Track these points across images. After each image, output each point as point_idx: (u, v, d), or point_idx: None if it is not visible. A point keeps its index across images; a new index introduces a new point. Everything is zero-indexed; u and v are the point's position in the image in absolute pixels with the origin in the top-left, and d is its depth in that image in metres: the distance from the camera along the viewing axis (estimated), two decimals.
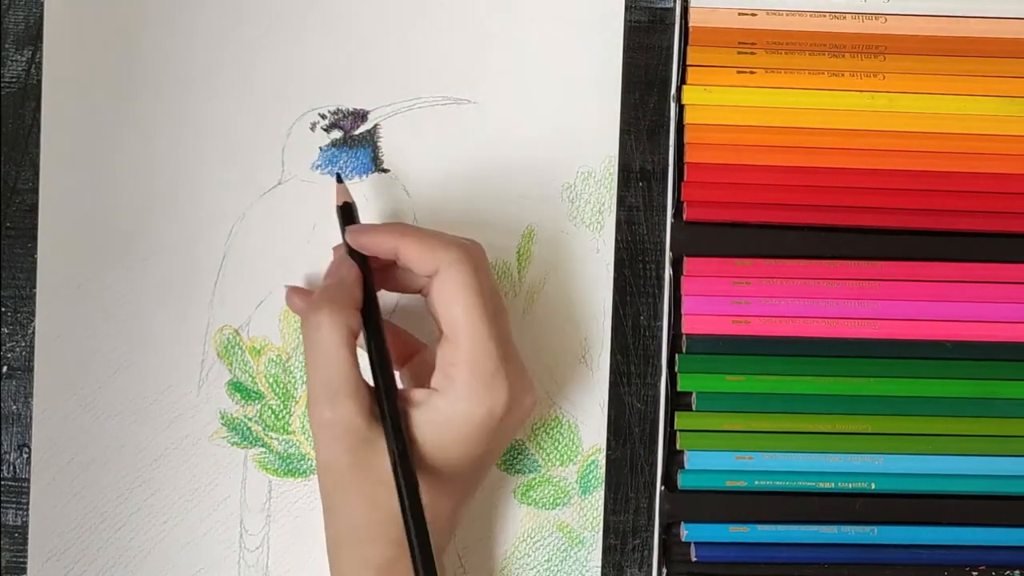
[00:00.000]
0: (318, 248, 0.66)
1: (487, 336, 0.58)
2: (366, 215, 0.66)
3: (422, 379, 0.61)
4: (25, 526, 0.66)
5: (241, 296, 0.67)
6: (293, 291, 0.64)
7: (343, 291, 0.59)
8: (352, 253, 0.61)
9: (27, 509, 0.66)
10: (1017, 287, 0.67)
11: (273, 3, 0.66)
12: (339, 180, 0.64)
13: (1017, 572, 0.67)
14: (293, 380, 0.67)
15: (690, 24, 0.66)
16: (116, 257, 0.66)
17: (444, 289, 0.58)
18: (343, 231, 0.62)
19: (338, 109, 0.67)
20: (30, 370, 0.66)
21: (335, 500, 0.59)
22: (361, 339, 0.60)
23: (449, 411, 0.58)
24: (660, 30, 0.67)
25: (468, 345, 0.58)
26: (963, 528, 0.67)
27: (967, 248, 0.66)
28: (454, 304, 0.58)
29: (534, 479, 0.67)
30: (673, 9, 0.67)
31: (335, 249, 0.63)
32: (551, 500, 0.68)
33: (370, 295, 0.60)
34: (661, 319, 0.67)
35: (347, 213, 0.63)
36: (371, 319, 0.59)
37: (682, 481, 0.66)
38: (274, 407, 0.67)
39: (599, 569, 0.67)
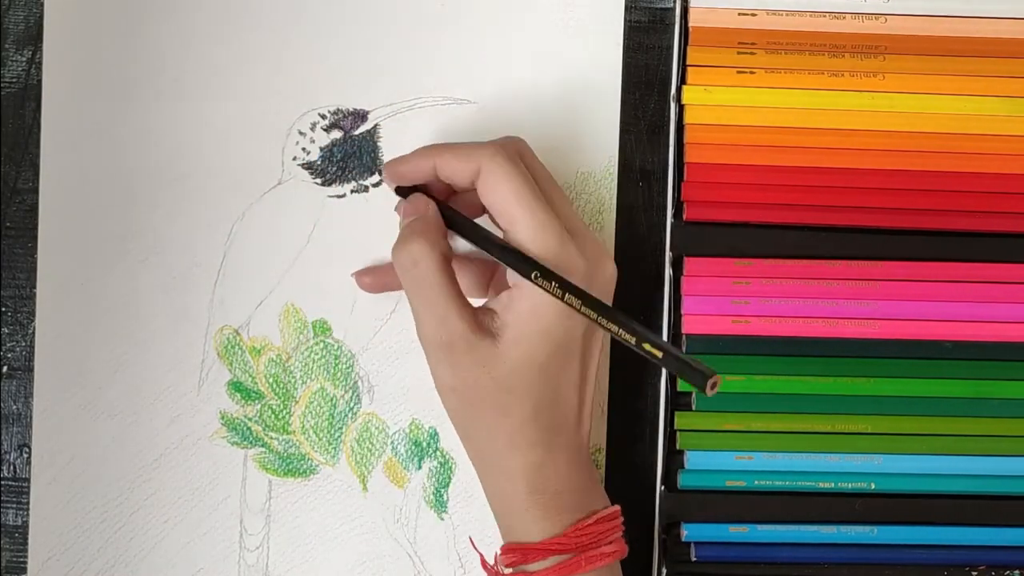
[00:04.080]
0: (318, 248, 0.66)
1: (543, 212, 0.58)
2: (366, 214, 0.66)
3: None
4: (25, 526, 0.66)
5: (241, 296, 0.67)
6: (360, 273, 0.65)
7: (427, 221, 0.60)
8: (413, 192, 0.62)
9: (27, 509, 0.66)
10: (1017, 287, 0.67)
11: (273, 4, 0.66)
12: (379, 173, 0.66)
13: (1017, 572, 0.67)
14: (293, 380, 0.67)
15: (690, 24, 0.66)
16: (116, 257, 0.66)
17: (489, 184, 0.58)
18: (401, 192, 0.63)
19: (338, 109, 0.67)
20: (30, 370, 0.66)
21: (467, 421, 0.60)
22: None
23: (532, 293, 0.58)
24: (660, 30, 0.67)
25: (527, 225, 0.58)
26: (963, 528, 0.67)
27: (967, 248, 0.66)
28: (505, 193, 0.58)
29: None
30: (673, 9, 0.67)
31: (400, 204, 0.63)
32: None
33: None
34: (661, 319, 0.67)
35: (403, 190, 0.63)
36: (456, 217, 0.61)
37: (682, 481, 0.66)
38: (274, 407, 0.67)
39: None
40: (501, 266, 0.61)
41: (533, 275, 0.57)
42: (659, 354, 0.55)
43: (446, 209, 0.61)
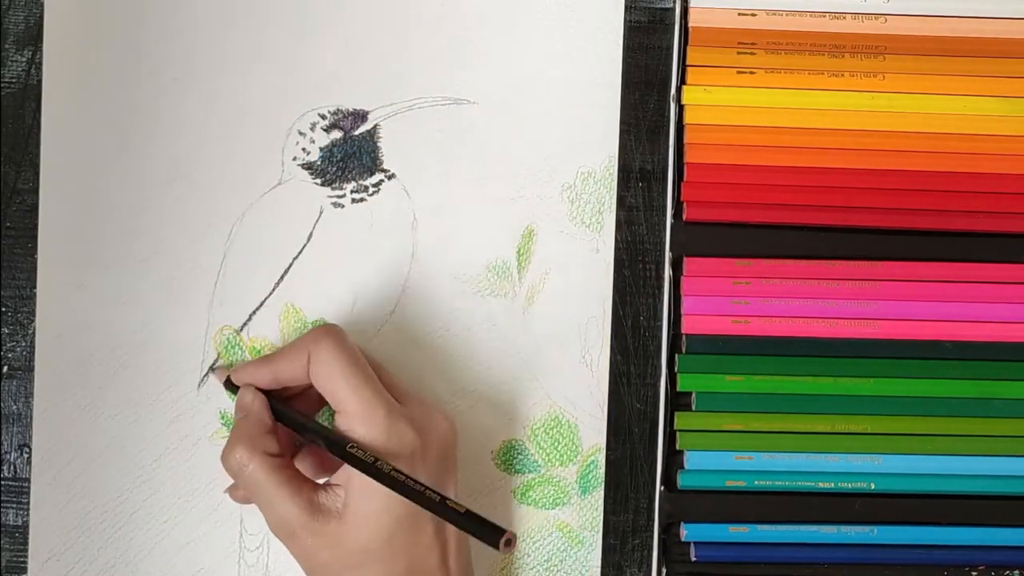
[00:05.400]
0: (318, 248, 0.66)
1: (368, 389, 0.60)
2: (366, 215, 0.66)
3: None
4: (25, 526, 0.66)
5: (241, 296, 0.67)
6: (231, 489, 0.65)
7: (250, 422, 0.62)
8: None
9: (27, 509, 0.66)
10: (1017, 287, 0.67)
11: (273, 3, 0.66)
12: (211, 373, 0.67)
13: (1017, 572, 0.67)
14: None
15: (690, 24, 0.66)
16: (116, 257, 0.66)
17: (320, 368, 0.60)
18: (233, 391, 0.64)
19: (338, 109, 0.67)
20: (30, 370, 0.66)
21: None
22: None
23: None
24: (660, 30, 0.67)
25: (356, 406, 0.59)
26: (963, 528, 0.67)
27: (967, 248, 0.66)
28: (333, 376, 0.60)
29: (534, 479, 0.67)
30: (673, 9, 0.67)
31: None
32: (551, 500, 0.68)
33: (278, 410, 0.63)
34: (661, 319, 0.67)
35: (230, 384, 0.65)
36: (282, 409, 0.63)
37: (682, 481, 0.66)
38: None
39: (599, 569, 0.67)
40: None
41: (348, 448, 0.58)
42: (459, 518, 0.57)
43: (274, 403, 0.62)
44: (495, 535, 0.55)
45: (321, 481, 0.61)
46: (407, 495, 0.57)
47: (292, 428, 0.62)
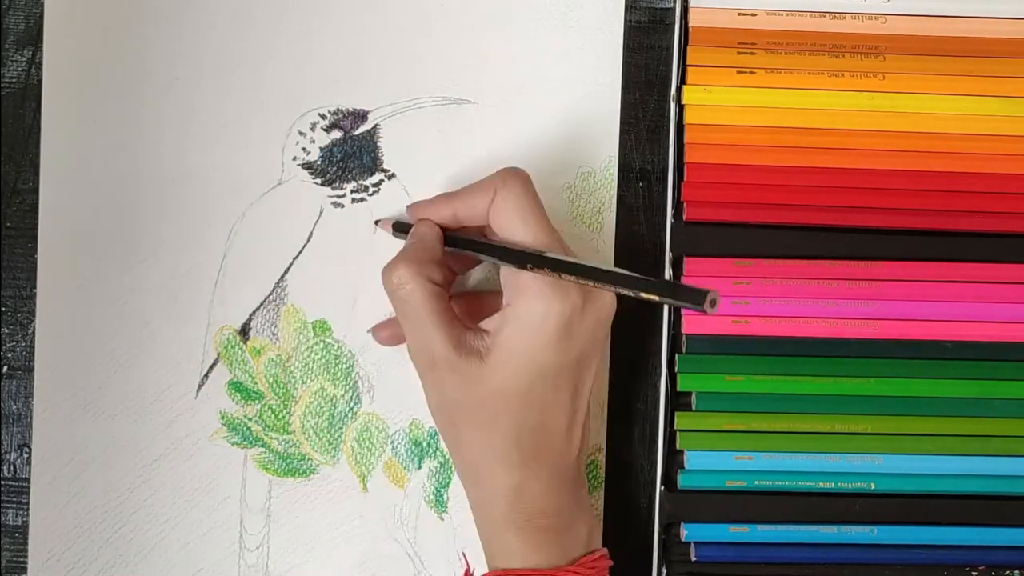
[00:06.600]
0: (318, 248, 0.66)
1: (547, 237, 0.59)
2: (366, 215, 0.66)
3: None
4: (25, 526, 0.66)
5: (241, 296, 0.67)
6: (378, 328, 0.66)
7: (421, 247, 0.61)
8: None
9: (27, 509, 0.66)
10: (1017, 287, 0.67)
11: (273, 3, 0.66)
12: (376, 225, 0.67)
13: (1017, 572, 0.67)
14: (293, 380, 0.67)
15: (690, 24, 0.66)
16: (116, 257, 0.66)
17: (503, 209, 0.60)
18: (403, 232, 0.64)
19: (338, 109, 0.67)
20: (30, 370, 0.66)
21: (453, 437, 0.61)
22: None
23: (527, 317, 0.58)
24: (660, 30, 0.67)
25: (528, 239, 0.59)
26: (963, 528, 0.67)
27: (967, 248, 0.66)
28: (515, 218, 0.59)
29: None
30: (673, 9, 0.67)
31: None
32: None
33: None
34: (661, 319, 0.67)
35: (400, 225, 0.65)
36: (456, 235, 0.62)
37: (682, 481, 0.66)
38: (274, 407, 0.67)
39: None
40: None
41: (527, 265, 0.58)
42: (656, 298, 0.55)
43: (446, 232, 0.62)
44: (699, 296, 0.52)
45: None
46: (597, 278, 0.56)
47: (470, 249, 0.62)
